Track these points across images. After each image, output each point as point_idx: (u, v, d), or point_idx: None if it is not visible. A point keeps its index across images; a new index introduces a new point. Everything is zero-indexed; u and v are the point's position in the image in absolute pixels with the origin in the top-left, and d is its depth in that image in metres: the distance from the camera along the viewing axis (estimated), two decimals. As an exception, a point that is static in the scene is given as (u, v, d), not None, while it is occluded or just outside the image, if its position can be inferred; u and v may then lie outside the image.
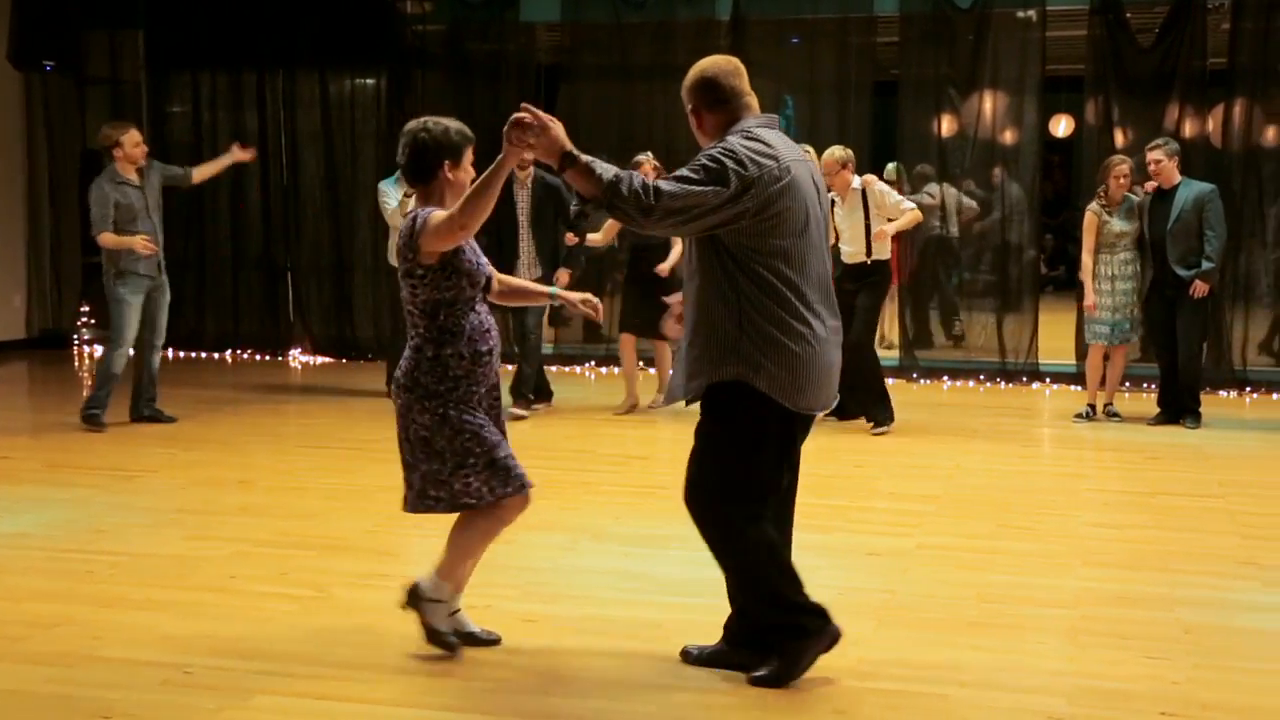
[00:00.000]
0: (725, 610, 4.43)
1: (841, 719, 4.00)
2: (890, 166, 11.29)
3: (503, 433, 4.38)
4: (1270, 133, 10.59)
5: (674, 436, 8.46)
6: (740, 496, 4.14)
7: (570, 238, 8.91)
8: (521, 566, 5.58)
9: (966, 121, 11.05)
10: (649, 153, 9.13)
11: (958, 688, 4.13)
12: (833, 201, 8.20)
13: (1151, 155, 8.57)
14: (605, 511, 6.53)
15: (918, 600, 4.39)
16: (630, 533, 6.14)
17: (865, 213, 8.41)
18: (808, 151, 6.11)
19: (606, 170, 3.86)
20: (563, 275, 8.83)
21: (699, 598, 5.13)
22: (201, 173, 9.10)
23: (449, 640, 4.39)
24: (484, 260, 4.34)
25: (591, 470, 7.55)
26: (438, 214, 4.12)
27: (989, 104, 10.98)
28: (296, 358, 12.24)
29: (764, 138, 4.02)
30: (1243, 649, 4.56)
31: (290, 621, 4.89)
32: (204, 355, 12.38)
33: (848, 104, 11.10)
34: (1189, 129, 10.38)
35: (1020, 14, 10.77)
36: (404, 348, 4.36)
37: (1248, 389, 10.22)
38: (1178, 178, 8.53)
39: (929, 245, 11.44)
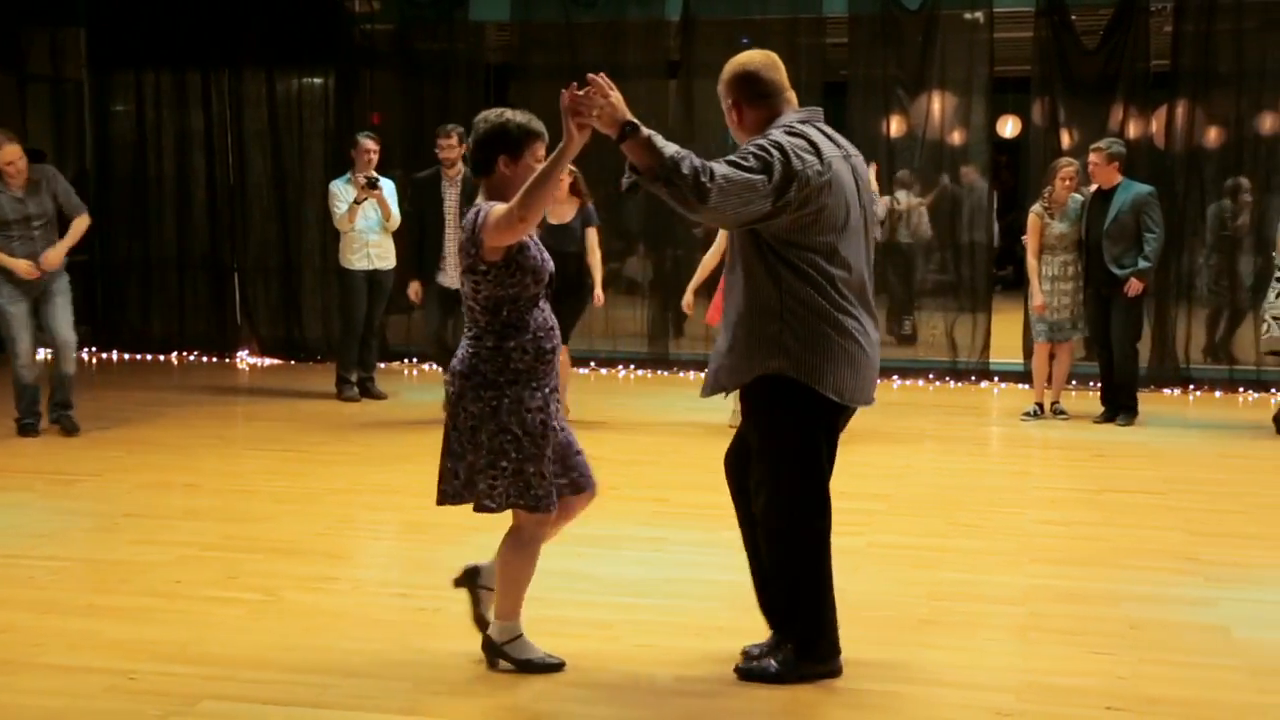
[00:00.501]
0: (676, 609, 4.44)
1: (792, 718, 4.02)
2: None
3: (551, 441, 4.19)
4: (1211, 134, 10.75)
5: (623, 436, 8.47)
6: (808, 500, 4.16)
7: None
8: None
9: (915, 122, 11.13)
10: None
11: (908, 685, 4.16)
12: None
13: (1090, 157, 8.69)
14: None
15: (869, 598, 4.42)
16: (582, 533, 6.12)
17: None
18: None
19: (668, 146, 3.82)
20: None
21: (649, 598, 5.16)
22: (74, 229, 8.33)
23: (549, 662, 4.32)
24: (548, 257, 4.24)
25: None
26: (498, 208, 4.00)
27: (937, 105, 11.06)
28: (244, 359, 12.12)
29: (807, 133, 4.03)
30: (1187, 643, 4.62)
31: (238, 626, 4.85)
32: (149, 357, 12.23)
33: (801, 104, 11.12)
34: (1133, 130, 10.51)
35: (968, 15, 10.86)
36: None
37: (1191, 387, 10.36)
38: (1118, 179, 8.61)
39: (879, 246, 11.49)
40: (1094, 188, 8.78)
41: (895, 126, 11.22)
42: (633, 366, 11.43)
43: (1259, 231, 10.47)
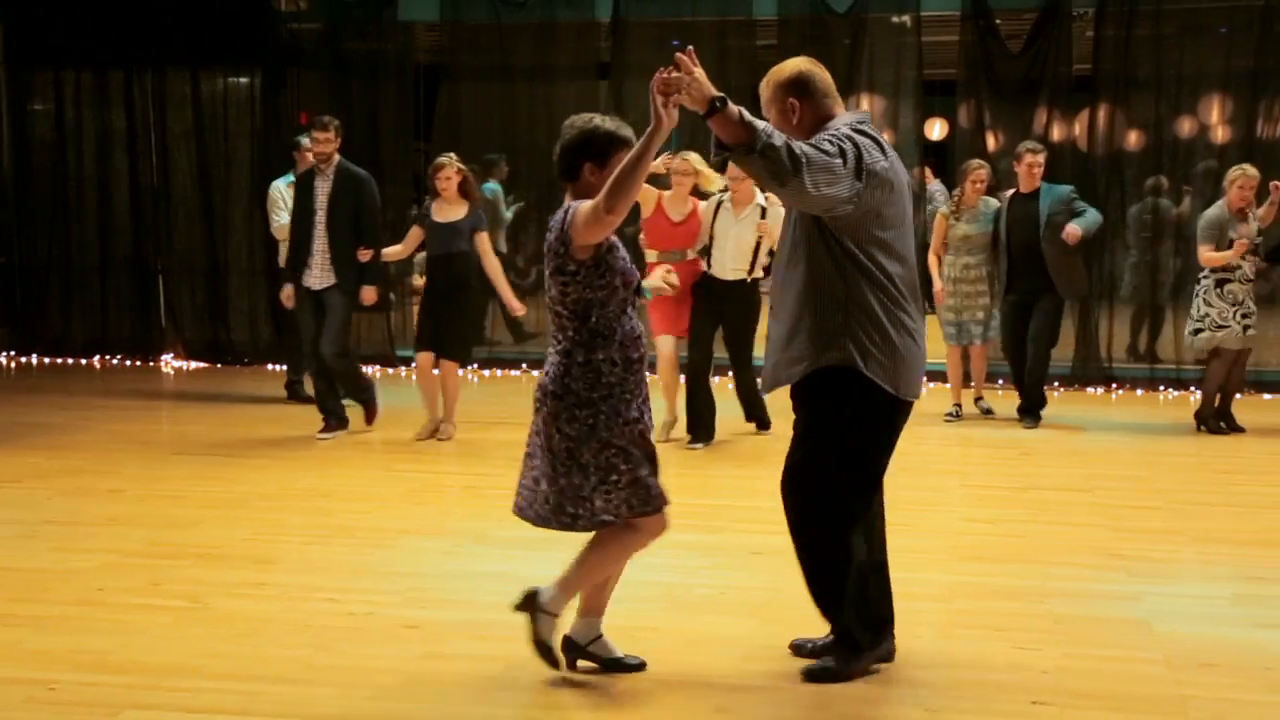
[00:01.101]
0: (608, 611, 4.43)
1: (723, 715, 4.05)
2: None
3: (650, 449, 4.15)
4: (1132, 137, 10.96)
5: None
6: (848, 491, 4.20)
7: (365, 253, 8.14)
8: (404, 572, 5.55)
9: (845, 125, 11.20)
10: (451, 154, 8.44)
11: (834, 681, 4.18)
12: (718, 206, 8.04)
13: (1037, 158, 8.61)
14: (488, 515, 6.50)
15: (799, 598, 4.44)
16: (513, 536, 6.11)
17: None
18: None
19: (757, 120, 3.84)
20: (369, 293, 8.34)
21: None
22: None
23: (554, 655, 4.24)
24: (632, 264, 4.17)
25: (476, 474, 7.51)
26: (584, 205, 3.91)
27: (866, 107, 11.15)
28: (169, 363, 11.97)
29: (871, 134, 4.09)
30: (1110, 638, 4.70)
31: (163, 634, 4.79)
32: (71, 361, 12.05)
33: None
34: (1057, 133, 10.70)
35: (895, 19, 10.99)
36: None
37: (1114, 386, 10.55)
38: (1040, 182, 8.70)
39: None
40: (1010, 192, 8.85)
41: (825, 128, 11.31)
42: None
43: (1179, 233, 10.69)
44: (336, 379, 8.37)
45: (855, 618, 4.24)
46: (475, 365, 11.61)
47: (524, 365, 11.60)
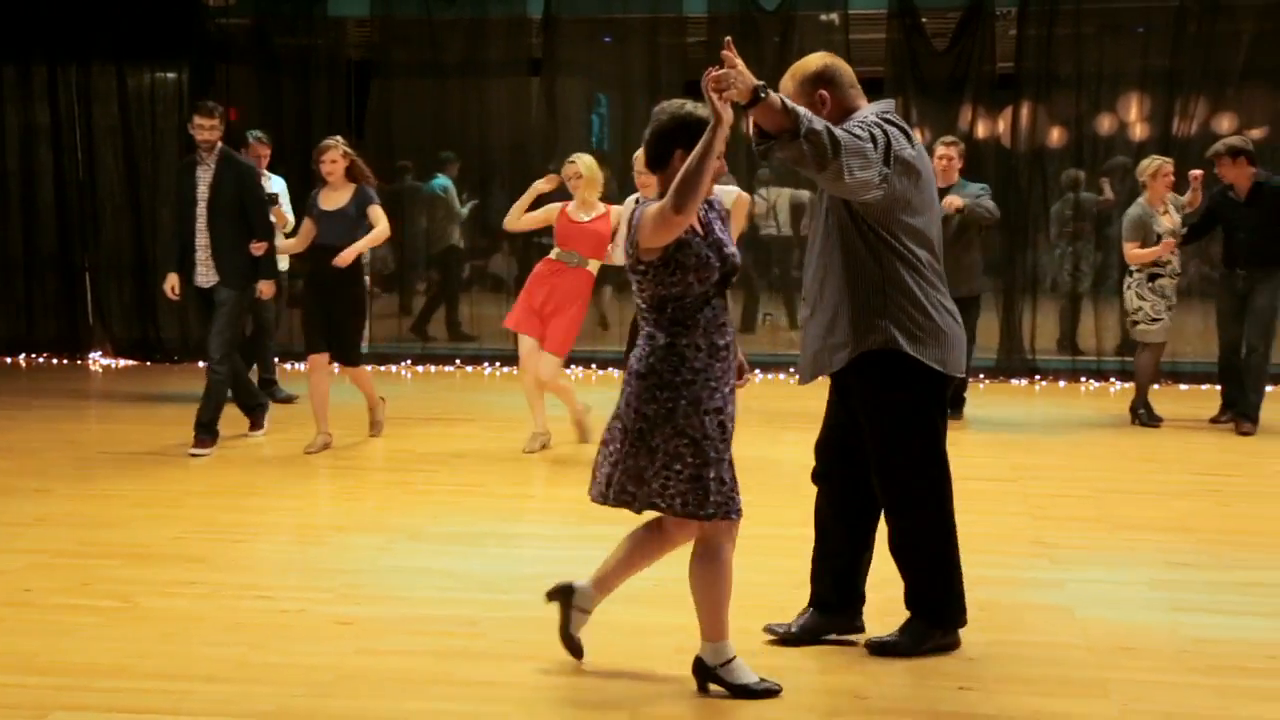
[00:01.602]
0: (538, 605, 4.44)
1: (651, 706, 4.07)
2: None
3: (725, 445, 4.02)
4: (1055, 134, 11.14)
5: (487, 433, 8.45)
6: (931, 469, 4.32)
7: (259, 246, 7.74)
8: (338, 569, 5.52)
9: (774, 121, 11.28)
10: (338, 137, 7.99)
11: (769, 673, 4.21)
12: (637, 203, 7.97)
13: (949, 150, 8.56)
14: (421, 512, 6.49)
15: (735, 587, 4.47)
16: (446, 532, 6.12)
17: None
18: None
19: (796, 105, 3.89)
20: (267, 287, 8.03)
21: (514, 594, 5.16)
22: None
23: (580, 649, 4.29)
24: (730, 251, 4.01)
25: (409, 470, 7.48)
26: (651, 208, 3.83)
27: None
28: (97, 361, 11.79)
29: (898, 123, 4.16)
30: (1034, 623, 4.78)
31: (92, 634, 4.73)
32: (-4, 359, 11.86)
33: (659, 102, 11.13)
34: (981, 129, 10.84)
35: (823, 17, 11.08)
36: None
37: (1037, 377, 10.72)
38: (957, 177, 8.67)
39: (748, 242, 11.65)
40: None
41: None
42: (498, 364, 11.40)
43: (1100, 228, 10.89)
44: (222, 385, 7.81)
45: (952, 598, 4.41)
46: (409, 361, 11.58)
47: (458, 361, 11.58)
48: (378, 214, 7.75)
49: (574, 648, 4.29)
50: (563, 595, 4.29)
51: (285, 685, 4.23)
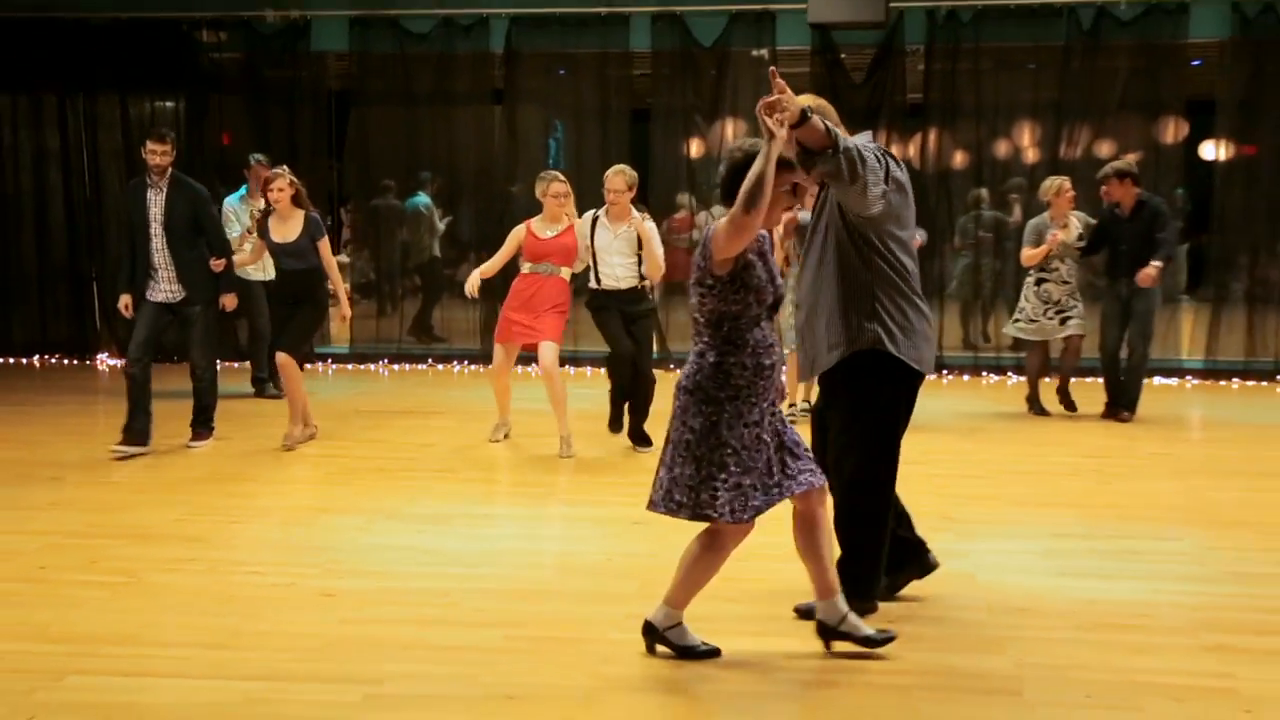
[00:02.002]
0: (505, 578, 4.46)
1: (607, 664, 4.10)
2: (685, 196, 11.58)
3: (762, 456, 3.94)
4: (958, 157, 11.25)
5: (457, 425, 8.44)
6: (887, 458, 4.39)
7: (218, 263, 7.41)
8: (321, 546, 5.51)
9: (712, 145, 11.34)
10: (284, 167, 7.74)
11: (710, 635, 4.24)
12: (594, 222, 7.35)
13: None
14: (399, 494, 6.47)
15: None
16: (421, 513, 6.10)
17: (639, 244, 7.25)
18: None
19: (833, 127, 3.97)
20: (230, 300, 7.63)
21: (482, 568, 5.17)
22: None
23: (705, 650, 4.12)
24: (779, 281, 4.02)
25: (386, 458, 7.45)
26: (723, 220, 3.79)
27: (731, 130, 11.28)
28: (104, 361, 11.62)
29: (886, 151, 4.26)
30: (940, 589, 4.81)
31: (101, 606, 4.70)
32: (12, 360, 11.65)
33: (609, 129, 11.21)
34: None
35: (754, 53, 11.09)
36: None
37: (945, 372, 10.81)
38: None
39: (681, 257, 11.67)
40: None
41: (694, 149, 11.42)
42: (466, 362, 11.37)
43: (998, 239, 11.01)
44: (210, 386, 7.71)
45: (878, 571, 4.46)
46: (385, 360, 11.52)
47: (429, 360, 11.54)
48: (326, 247, 7.48)
49: (708, 652, 4.11)
50: (650, 634, 4.13)
51: (276, 651, 4.22)
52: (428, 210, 12.20)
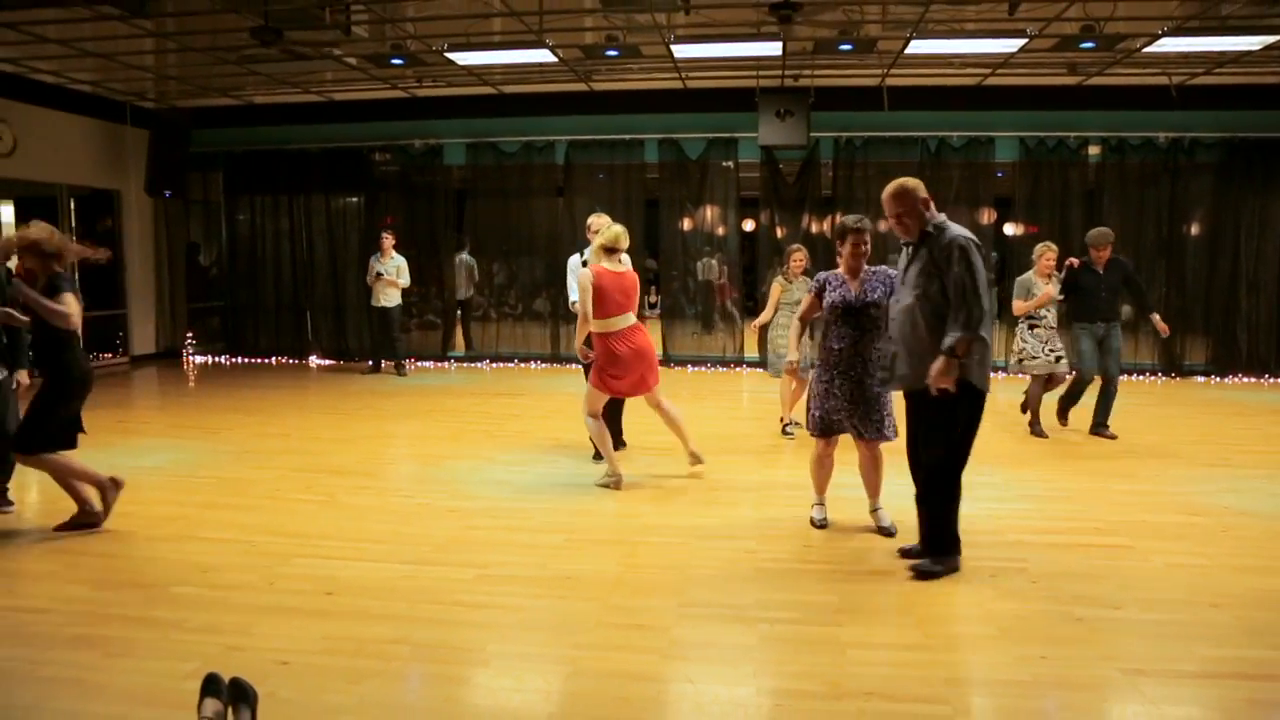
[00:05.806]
0: (559, 501, 4.49)
1: (631, 557, 4.01)
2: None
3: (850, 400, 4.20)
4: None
5: (521, 403, 8.18)
6: (960, 461, 3.87)
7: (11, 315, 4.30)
8: (447, 479, 5.35)
9: (698, 223, 11.41)
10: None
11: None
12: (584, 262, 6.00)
13: (796, 254, 7.17)
14: (497, 446, 6.23)
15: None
16: (511, 459, 5.89)
17: None
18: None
19: (962, 332, 3.66)
20: (23, 376, 4.68)
21: (545, 495, 5.02)
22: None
23: (889, 529, 4.26)
24: (849, 296, 4.20)
25: (491, 422, 7.15)
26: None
27: (709, 213, 11.41)
28: (313, 361, 11.60)
29: (973, 239, 3.79)
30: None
31: (311, 515, 4.69)
32: (258, 361, 11.72)
33: (631, 211, 11.25)
34: (814, 229, 11.03)
35: (724, 164, 11.20)
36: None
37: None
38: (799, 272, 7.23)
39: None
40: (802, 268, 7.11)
41: (687, 225, 11.54)
42: (538, 362, 11.40)
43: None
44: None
45: (956, 537, 4.00)
46: (451, 361, 11.35)
47: (515, 360, 11.42)
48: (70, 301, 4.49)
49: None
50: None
51: (420, 546, 4.22)
52: (471, 260, 11.72)
